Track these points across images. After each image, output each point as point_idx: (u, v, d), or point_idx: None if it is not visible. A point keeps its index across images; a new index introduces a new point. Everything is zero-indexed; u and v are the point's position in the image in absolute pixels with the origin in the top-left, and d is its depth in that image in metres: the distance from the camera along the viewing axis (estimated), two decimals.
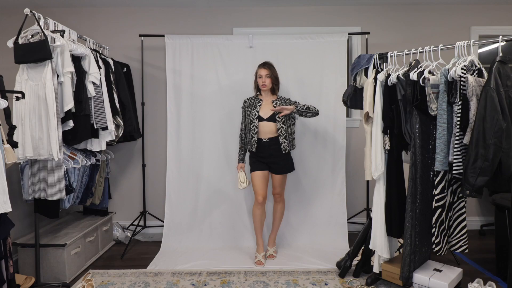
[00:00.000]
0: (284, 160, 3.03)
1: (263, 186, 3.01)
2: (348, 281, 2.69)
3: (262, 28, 3.77)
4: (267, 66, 3.00)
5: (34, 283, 2.54)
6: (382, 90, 2.42)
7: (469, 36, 3.77)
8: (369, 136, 2.50)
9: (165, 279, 2.75)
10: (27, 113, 2.38)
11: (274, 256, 3.13)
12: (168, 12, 3.77)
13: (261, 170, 3.01)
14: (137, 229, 3.55)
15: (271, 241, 3.19)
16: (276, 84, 3.03)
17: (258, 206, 3.02)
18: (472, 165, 1.91)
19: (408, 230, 2.26)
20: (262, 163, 3.02)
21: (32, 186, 2.49)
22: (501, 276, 2.68)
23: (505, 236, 2.65)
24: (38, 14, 2.40)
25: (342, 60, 3.47)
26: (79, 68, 2.67)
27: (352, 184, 3.74)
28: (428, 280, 2.30)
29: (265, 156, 3.00)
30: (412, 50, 2.41)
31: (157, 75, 3.76)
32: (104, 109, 2.83)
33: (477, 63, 2.09)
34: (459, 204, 2.30)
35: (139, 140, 3.74)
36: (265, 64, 3.02)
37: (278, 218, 3.18)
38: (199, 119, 3.50)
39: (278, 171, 3.04)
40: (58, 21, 2.67)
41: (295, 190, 3.49)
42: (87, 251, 3.04)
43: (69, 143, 2.72)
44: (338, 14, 3.78)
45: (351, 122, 3.78)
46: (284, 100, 3.05)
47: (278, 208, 3.16)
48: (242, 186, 2.98)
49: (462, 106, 2.01)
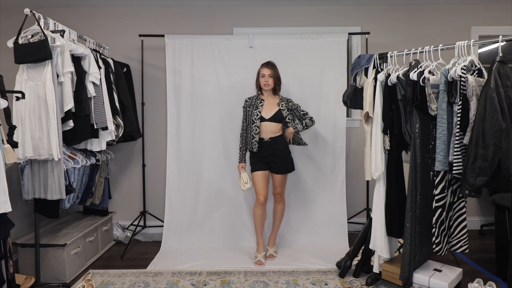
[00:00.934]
0: (285, 160, 3.04)
1: (265, 186, 3.01)
2: (348, 281, 2.69)
3: (262, 28, 3.77)
4: (270, 66, 3.00)
5: (34, 283, 2.54)
6: (382, 90, 2.42)
7: (469, 36, 3.77)
8: (369, 136, 2.50)
9: (165, 279, 2.75)
10: (27, 113, 2.38)
11: (274, 256, 3.13)
12: (168, 12, 3.77)
13: (262, 170, 3.01)
14: (137, 229, 3.55)
15: (271, 241, 3.19)
16: (278, 84, 3.03)
17: (259, 206, 3.02)
18: (471, 165, 1.91)
19: (408, 230, 2.26)
20: (263, 163, 3.02)
21: (32, 186, 2.49)
22: (501, 276, 2.68)
23: (505, 236, 2.65)
24: (38, 14, 2.40)
25: (342, 60, 3.47)
26: (79, 68, 2.67)
27: (352, 184, 3.74)
28: (428, 280, 2.30)
29: (266, 155, 3.00)
30: (412, 50, 2.41)
31: (157, 75, 3.76)
32: (104, 109, 2.83)
33: (477, 63, 2.09)
34: (459, 204, 2.30)
35: (139, 140, 3.74)
36: (268, 64, 3.01)
37: (279, 218, 3.18)
38: (199, 119, 3.50)
39: (279, 171, 3.04)
40: (58, 21, 2.67)
41: (295, 190, 3.49)
42: (87, 251, 3.04)
43: (69, 143, 2.72)
44: (338, 14, 3.78)
45: (351, 122, 3.78)
46: (287, 101, 3.06)
47: (278, 208, 3.16)
48: (246, 187, 3.00)
49: (462, 106, 2.01)
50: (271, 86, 3.00)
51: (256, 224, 3.09)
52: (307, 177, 3.50)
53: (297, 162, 3.39)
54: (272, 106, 3.02)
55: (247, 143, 3.05)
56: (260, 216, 3.05)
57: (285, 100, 3.06)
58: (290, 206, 3.45)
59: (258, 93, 3.11)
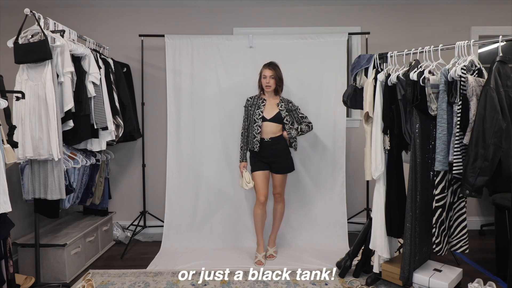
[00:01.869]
0: (285, 160, 3.05)
1: (265, 186, 3.03)
2: (348, 281, 2.69)
3: (262, 28, 3.77)
4: (272, 67, 3.00)
5: (34, 283, 2.54)
6: (382, 90, 2.42)
7: (469, 36, 3.77)
8: (369, 136, 2.50)
9: (165, 279, 2.75)
10: (27, 113, 2.38)
11: (274, 256, 3.13)
12: (168, 12, 3.77)
13: (262, 170, 3.03)
14: (137, 229, 3.55)
15: (271, 241, 3.19)
16: (280, 86, 3.04)
17: (260, 206, 3.03)
18: (471, 165, 1.91)
19: (408, 230, 2.26)
20: (264, 163, 3.03)
21: (32, 186, 2.49)
22: (501, 276, 2.68)
23: (505, 236, 2.65)
24: (38, 14, 2.40)
25: (342, 60, 3.47)
26: (79, 68, 2.67)
27: (352, 184, 3.74)
28: (428, 280, 2.30)
29: (267, 155, 3.00)
30: (412, 50, 2.41)
31: (157, 75, 3.76)
32: (104, 109, 2.83)
33: (477, 63, 2.09)
34: (459, 204, 2.30)
35: (139, 140, 3.74)
36: (270, 65, 3.01)
37: (279, 218, 3.18)
38: (199, 119, 3.50)
39: (279, 171, 3.04)
40: (58, 21, 2.67)
41: (295, 190, 3.49)
42: (87, 251, 3.04)
43: (69, 143, 2.72)
44: (338, 14, 3.78)
45: (351, 122, 3.78)
46: (287, 102, 3.08)
47: (278, 208, 3.16)
48: (249, 186, 3.00)
49: (462, 106, 2.01)
50: (272, 88, 3.01)
51: (256, 224, 3.09)
52: (307, 177, 3.50)
53: (297, 162, 3.39)
54: (273, 106, 3.02)
55: (248, 143, 3.05)
56: (261, 216, 3.05)
57: (285, 101, 3.06)
58: (290, 206, 3.45)
59: (260, 92, 3.11)
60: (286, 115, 3.02)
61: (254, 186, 3.05)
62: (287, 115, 3.03)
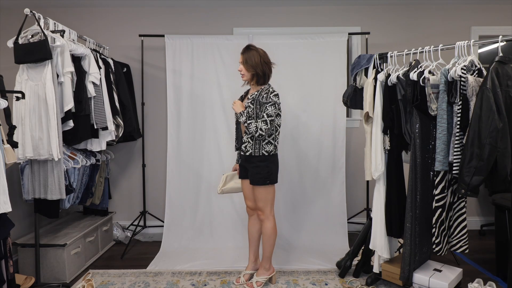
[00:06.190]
0: (256, 168, 2.40)
1: (250, 196, 2.59)
2: (348, 281, 2.69)
3: (262, 28, 3.77)
4: (243, 51, 2.44)
5: (34, 283, 2.54)
6: (382, 90, 2.42)
7: (469, 36, 3.77)
8: (369, 136, 2.50)
9: (165, 279, 2.75)
10: (27, 113, 2.38)
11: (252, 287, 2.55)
12: (168, 12, 3.77)
13: (244, 177, 2.59)
14: (137, 229, 3.55)
15: (260, 268, 2.60)
16: (257, 73, 2.39)
17: (249, 218, 2.69)
18: (467, 164, 1.92)
19: (408, 230, 2.26)
20: (243, 168, 2.56)
21: (32, 186, 2.49)
22: (501, 276, 2.68)
23: (505, 236, 2.65)
24: (38, 14, 2.40)
25: (342, 60, 3.47)
26: (79, 68, 2.67)
27: (352, 184, 3.74)
28: (428, 280, 2.30)
29: (242, 158, 2.54)
30: (412, 50, 2.41)
31: (157, 75, 3.76)
32: (104, 109, 2.83)
33: (477, 63, 2.09)
34: (459, 204, 2.30)
35: (139, 140, 3.74)
36: (244, 49, 2.45)
37: (263, 239, 2.55)
38: (199, 119, 3.50)
39: (249, 179, 2.48)
40: (58, 21, 2.68)
41: (295, 190, 3.49)
42: (87, 251, 3.04)
43: (69, 143, 2.72)
44: (338, 14, 3.78)
45: (351, 122, 3.78)
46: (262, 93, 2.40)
47: (261, 227, 2.57)
48: (218, 190, 2.65)
49: (462, 106, 2.01)
50: (246, 77, 2.44)
51: (248, 236, 2.72)
52: (307, 177, 3.50)
53: (297, 162, 3.40)
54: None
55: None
56: (250, 228, 2.66)
57: (264, 91, 2.40)
58: (290, 206, 3.45)
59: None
60: (251, 107, 2.39)
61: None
62: (253, 107, 2.38)
